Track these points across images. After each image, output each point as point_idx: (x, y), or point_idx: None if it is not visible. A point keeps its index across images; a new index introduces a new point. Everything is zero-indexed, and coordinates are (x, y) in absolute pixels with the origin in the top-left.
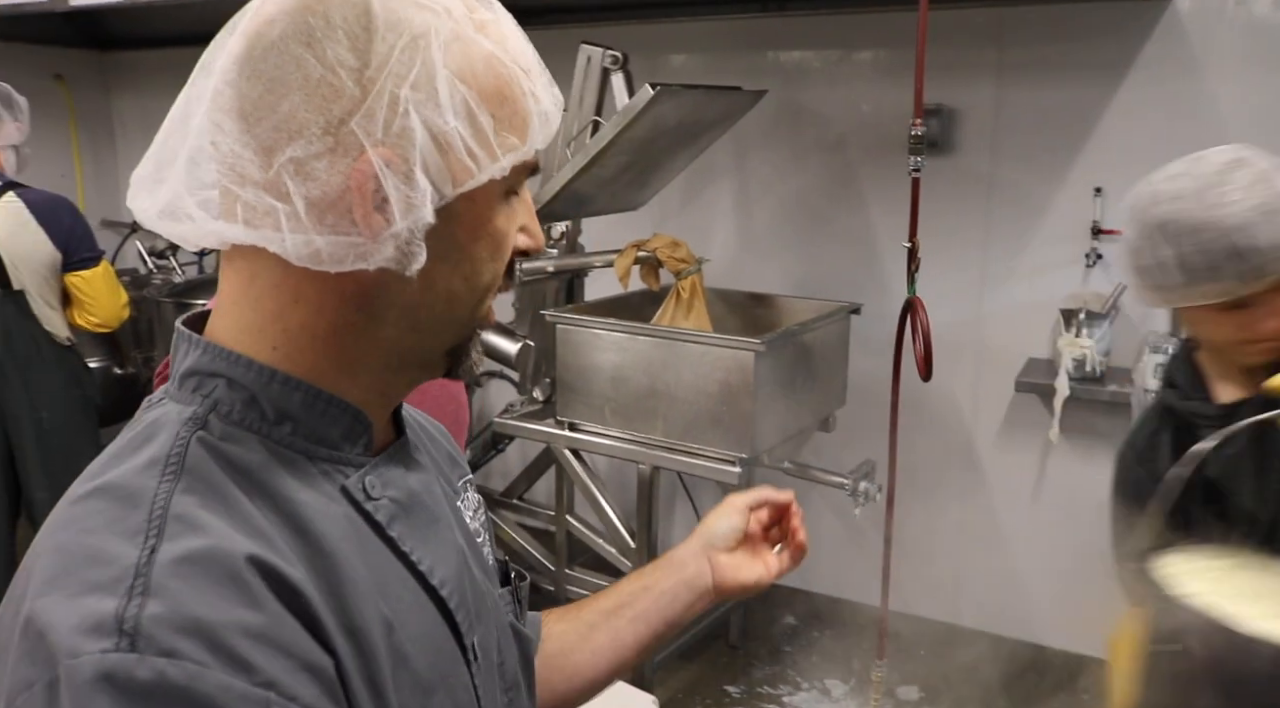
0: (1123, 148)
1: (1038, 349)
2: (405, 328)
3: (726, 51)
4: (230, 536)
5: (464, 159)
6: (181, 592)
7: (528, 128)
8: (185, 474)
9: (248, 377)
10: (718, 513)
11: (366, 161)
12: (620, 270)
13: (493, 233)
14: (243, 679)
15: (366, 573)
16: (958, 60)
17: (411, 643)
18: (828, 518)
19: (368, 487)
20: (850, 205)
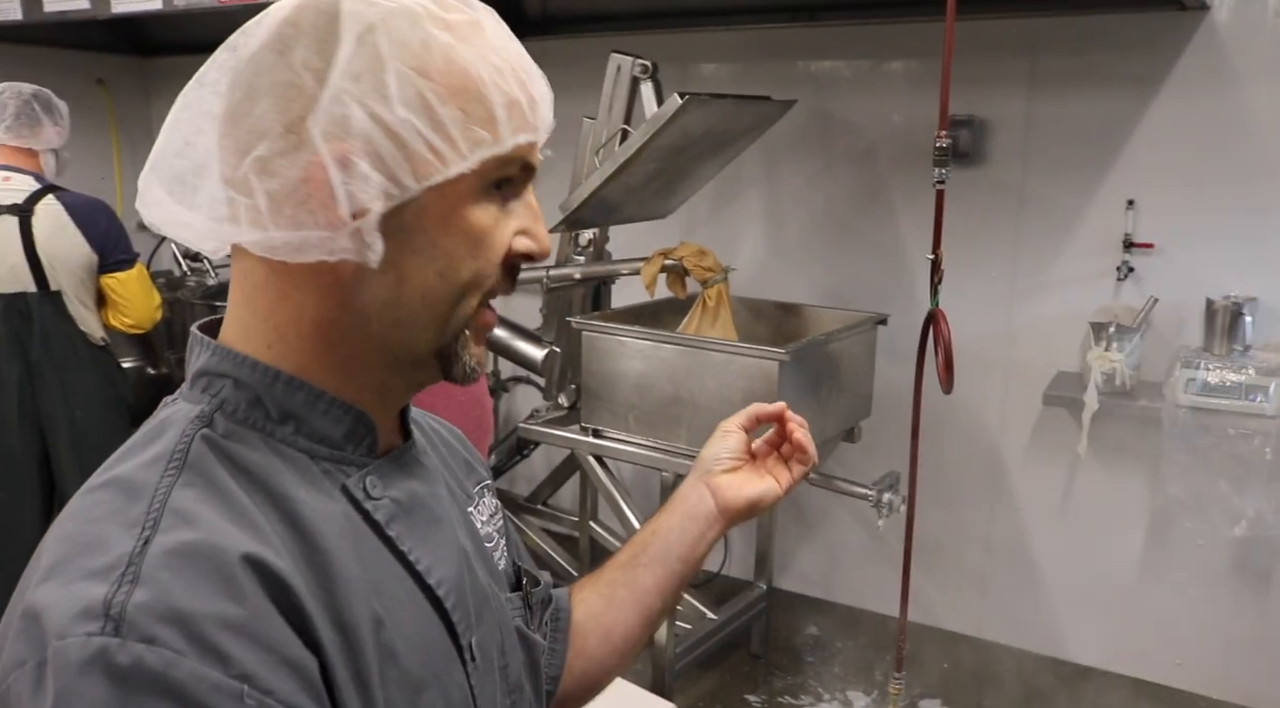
0: (1156, 161)
1: (1067, 363)
2: (388, 324)
3: (757, 61)
4: (224, 530)
5: (424, 152)
6: (168, 582)
7: (495, 122)
8: (187, 470)
9: (252, 377)
10: (710, 440)
11: (319, 156)
12: (647, 278)
13: (468, 229)
14: (218, 670)
15: (360, 570)
16: (989, 71)
17: (402, 640)
18: (852, 529)
19: (368, 486)
20: (879, 216)
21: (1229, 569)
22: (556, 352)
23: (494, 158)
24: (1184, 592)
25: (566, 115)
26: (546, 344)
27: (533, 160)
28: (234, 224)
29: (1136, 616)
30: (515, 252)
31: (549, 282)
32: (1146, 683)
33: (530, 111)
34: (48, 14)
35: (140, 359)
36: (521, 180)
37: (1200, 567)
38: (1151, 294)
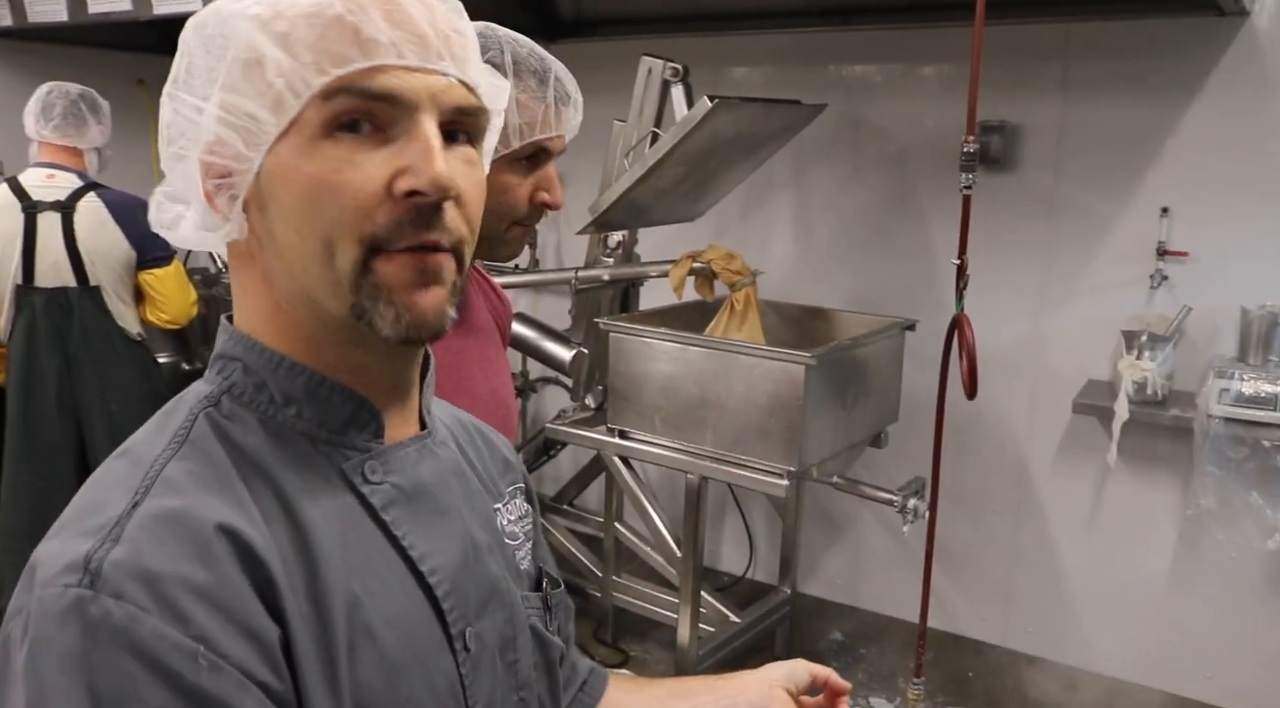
0: (1192, 168)
1: (1098, 371)
2: (299, 297)
3: (788, 65)
4: (206, 501)
5: (245, 123)
6: (144, 543)
7: (284, 68)
8: (187, 445)
9: (259, 362)
10: (789, 664)
11: (196, 156)
12: (675, 281)
13: (304, 180)
14: (177, 629)
15: (343, 550)
16: (1022, 76)
17: (383, 622)
18: (878, 534)
19: (366, 472)
20: (910, 221)
21: (1262, 583)
22: (584, 353)
23: (311, 102)
24: (1215, 605)
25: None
26: (574, 345)
27: (381, 87)
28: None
29: (1166, 628)
30: (398, 191)
31: (577, 283)
32: (1175, 697)
33: (343, 38)
34: (92, 15)
35: (176, 354)
36: (391, 113)
37: (1232, 580)
38: (1185, 303)
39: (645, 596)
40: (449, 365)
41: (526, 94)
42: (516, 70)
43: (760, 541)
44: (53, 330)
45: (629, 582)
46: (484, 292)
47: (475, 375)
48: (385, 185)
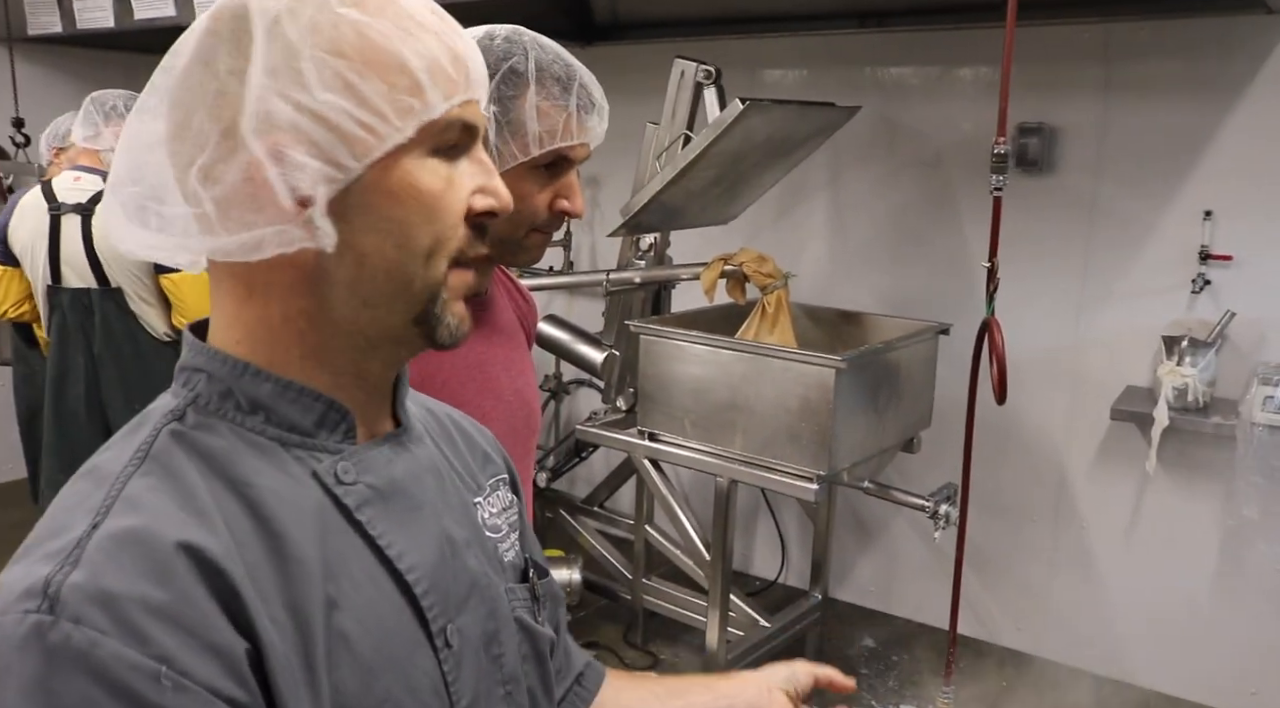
0: (1236, 170)
1: (1137, 377)
2: (357, 306)
3: (824, 67)
4: (166, 517)
5: (356, 131)
6: (102, 564)
7: (422, 88)
8: (149, 460)
9: (223, 370)
10: (792, 666)
11: (254, 154)
12: (706, 283)
13: (417, 196)
14: (136, 650)
15: (318, 554)
16: (1061, 77)
17: (358, 625)
18: (910, 541)
19: (339, 473)
20: (946, 224)
21: None
22: (616, 355)
23: (429, 123)
24: (1258, 618)
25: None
26: (606, 348)
27: (472, 119)
28: (190, 236)
29: (1208, 642)
30: (475, 210)
31: (609, 285)
32: None
33: (456, 71)
34: (137, 21)
35: None
36: (466, 141)
37: (1275, 593)
38: (1229, 308)
39: (675, 599)
40: (473, 366)
41: (548, 101)
42: (539, 77)
43: (793, 546)
44: (79, 330)
45: (659, 585)
46: (508, 292)
47: (499, 376)
48: (466, 204)
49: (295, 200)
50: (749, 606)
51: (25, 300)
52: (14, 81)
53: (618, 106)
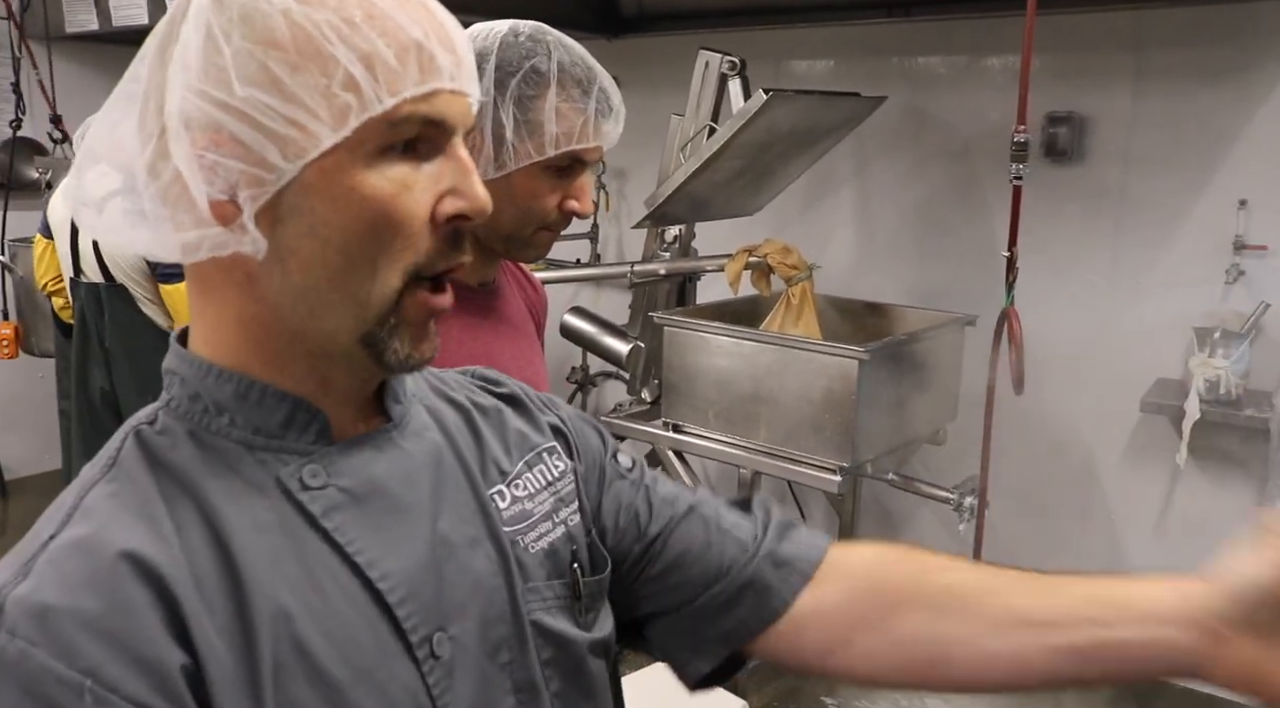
0: (1271, 157)
1: (1168, 369)
2: (304, 315)
3: (850, 57)
4: (115, 527)
5: (285, 129)
6: (47, 576)
7: (356, 82)
8: (114, 468)
9: (190, 372)
10: (1250, 549)
11: (184, 159)
12: (731, 275)
13: (362, 201)
14: (63, 663)
15: (272, 562)
16: (1092, 66)
17: (322, 636)
18: (936, 533)
19: (305, 477)
20: (973, 215)
21: None
22: (641, 347)
23: (371, 121)
24: None
25: (656, 112)
26: (632, 339)
27: (437, 114)
28: (136, 230)
29: None
30: (443, 215)
31: (634, 277)
32: None
33: (410, 62)
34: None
35: None
36: (434, 137)
37: None
38: (1263, 299)
39: None
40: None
41: (568, 103)
42: (560, 78)
43: None
44: (95, 323)
45: None
46: (517, 282)
47: (508, 366)
48: (430, 209)
49: (213, 203)
50: None
51: (61, 277)
52: (52, 79)
53: (643, 98)
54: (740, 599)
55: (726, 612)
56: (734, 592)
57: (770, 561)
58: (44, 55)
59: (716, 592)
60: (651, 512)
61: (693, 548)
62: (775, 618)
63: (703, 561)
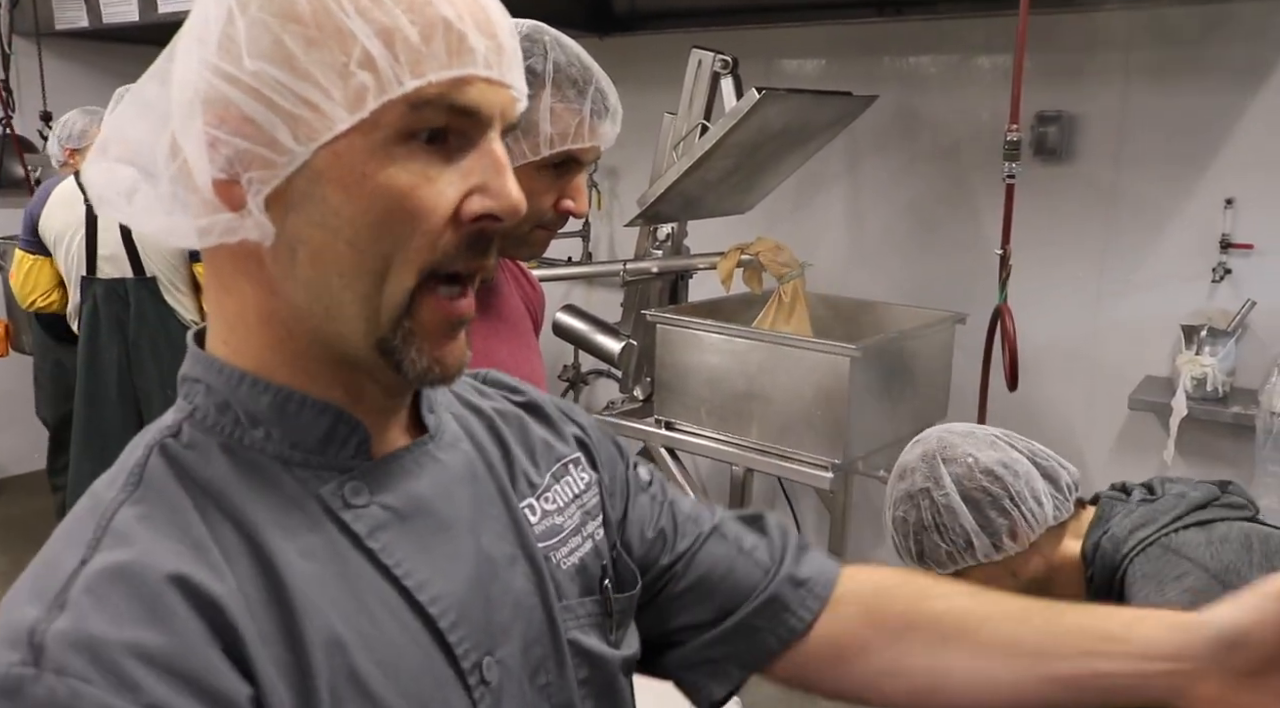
0: (1258, 158)
1: (1156, 367)
2: (320, 314)
3: (842, 56)
4: (159, 550)
5: (297, 109)
6: (88, 608)
7: (374, 61)
8: (141, 486)
9: (219, 380)
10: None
11: (189, 135)
12: (723, 273)
13: (376, 190)
14: (125, 699)
15: (322, 588)
16: (1081, 65)
17: (376, 665)
18: None
19: (347, 495)
20: (964, 213)
21: None
22: (633, 345)
23: (394, 103)
24: None
25: (648, 110)
26: (624, 337)
27: (469, 102)
28: (153, 213)
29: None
30: (470, 213)
31: (626, 275)
32: None
33: (446, 40)
34: (162, 14)
35: None
36: (466, 128)
37: None
38: (1249, 297)
39: None
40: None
41: (563, 103)
42: (556, 78)
43: (809, 535)
44: (112, 319)
45: None
46: (515, 279)
47: (505, 363)
48: (455, 206)
49: (218, 184)
50: None
51: (53, 290)
52: (42, 76)
53: (635, 97)
54: (760, 622)
55: (748, 636)
56: (755, 615)
57: (790, 582)
58: (33, 52)
59: (740, 618)
60: (677, 529)
61: (717, 569)
62: (794, 639)
63: (727, 582)
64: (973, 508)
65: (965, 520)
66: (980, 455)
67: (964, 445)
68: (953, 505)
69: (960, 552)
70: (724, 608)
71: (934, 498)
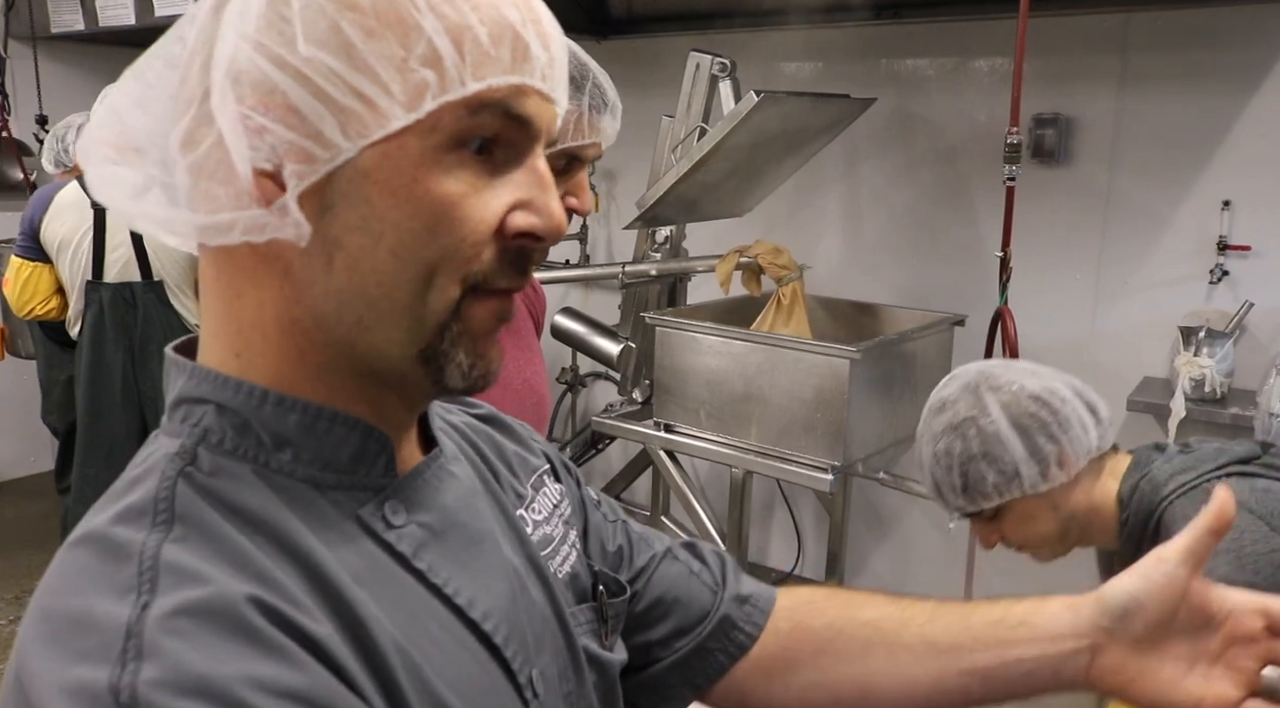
0: (1255, 160)
1: (1154, 368)
2: (351, 326)
3: (839, 59)
4: (234, 583)
5: (350, 102)
6: (179, 650)
7: (441, 59)
8: (177, 522)
9: (236, 399)
10: (1133, 568)
11: (228, 118)
12: (722, 276)
13: (424, 196)
14: None
15: (390, 613)
16: (1078, 68)
17: (449, 688)
18: (926, 533)
19: (387, 514)
20: (961, 216)
21: None
22: (632, 347)
23: (452, 106)
24: None
25: (646, 113)
26: (622, 340)
27: (524, 112)
28: (159, 207)
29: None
30: (513, 229)
31: (625, 277)
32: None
33: (504, 47)
34: (158, 17)
35: None
36: (516, 140)
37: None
38: (1247, 298)
39: None
40: None
41: None
42: None
43: (808, 537)
44: (118, 324)
45: None
46: None
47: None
48: (499, 221)
49: (256, 175)
50: None
51: (52, 297)
52: (37, 79)
53: (633, 100)
54: (713, 643)
55: (702, 658)
56: (710, 638)
57: (736, 600)
58: (29, 55)
59: (698, 642)
60: (633, 547)
61: (673, 589)
62: (741, 655)
63: (681, 603)
64: (1021, 435)
65: (1014, 448)
66: (1026, 383)
67: (1007, 374)
68: (1000, 433)
69: (1007, 482)
70: (679, 628)
71: (980, 426)
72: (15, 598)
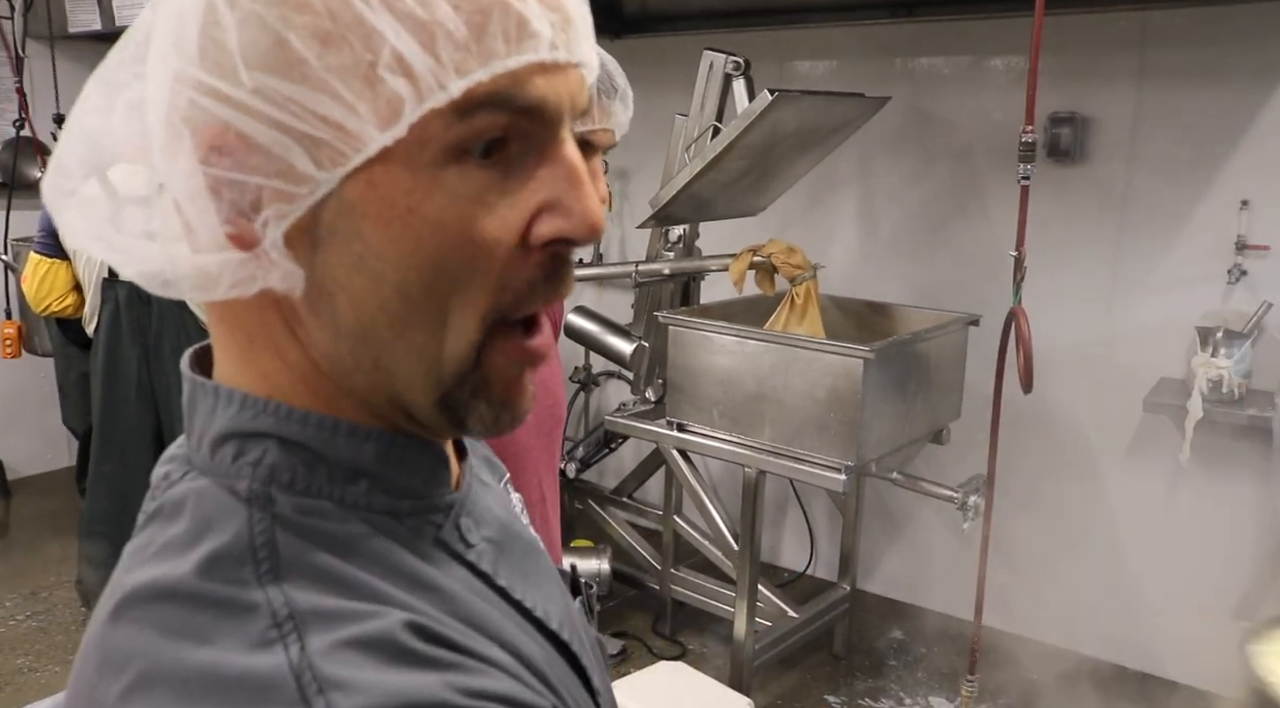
0: (1274, 158)
1: (1171, 369)
2: (369, 368)
3: (854, 58)
4: (381, 614)
5: (314, 129)
6: (362, 677)
7: (409, 65)
8: (287, 570)
9: (304, 433)
10: None
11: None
12: (735, 275)
13: (421, 227)
14: None
15: (512, 634)
16: (1095, 66)
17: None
18: (938, 532)
19: (464, 532)
20: (977, 215)
21: None
22: (645, 346)
23: (437, 114)
24: None
25: (660, 112)
26: (635, 339)
27: (528, 96)
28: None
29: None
30: (540, 238)
31: (638, 276)
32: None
33: (502, 26)
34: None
35: None
36: (530, 131)
37: None
38: (1265, 299)
39: (703, 589)
40: None
41: None
42: None
43: (821, 537)
44: (133, 321)
45: (688, 575)
46: None
47: None
48: (522, 231)
49: (226, 222)
50: (777, 597)
51: (68, 294)
52: (55, 78)
53: (647, 98)
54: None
55: None
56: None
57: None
58: (47, 55)
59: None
60: None
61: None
62: None
63: None
64: None
65: None
66: None
67: None
68: None
69: None
70: None
71: None
72: (32, 593)
